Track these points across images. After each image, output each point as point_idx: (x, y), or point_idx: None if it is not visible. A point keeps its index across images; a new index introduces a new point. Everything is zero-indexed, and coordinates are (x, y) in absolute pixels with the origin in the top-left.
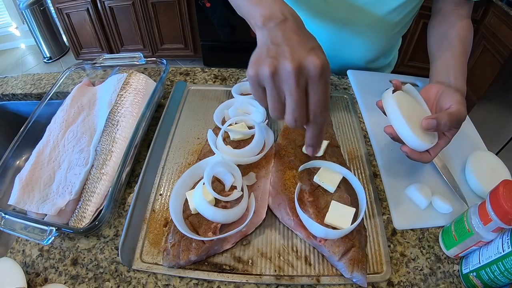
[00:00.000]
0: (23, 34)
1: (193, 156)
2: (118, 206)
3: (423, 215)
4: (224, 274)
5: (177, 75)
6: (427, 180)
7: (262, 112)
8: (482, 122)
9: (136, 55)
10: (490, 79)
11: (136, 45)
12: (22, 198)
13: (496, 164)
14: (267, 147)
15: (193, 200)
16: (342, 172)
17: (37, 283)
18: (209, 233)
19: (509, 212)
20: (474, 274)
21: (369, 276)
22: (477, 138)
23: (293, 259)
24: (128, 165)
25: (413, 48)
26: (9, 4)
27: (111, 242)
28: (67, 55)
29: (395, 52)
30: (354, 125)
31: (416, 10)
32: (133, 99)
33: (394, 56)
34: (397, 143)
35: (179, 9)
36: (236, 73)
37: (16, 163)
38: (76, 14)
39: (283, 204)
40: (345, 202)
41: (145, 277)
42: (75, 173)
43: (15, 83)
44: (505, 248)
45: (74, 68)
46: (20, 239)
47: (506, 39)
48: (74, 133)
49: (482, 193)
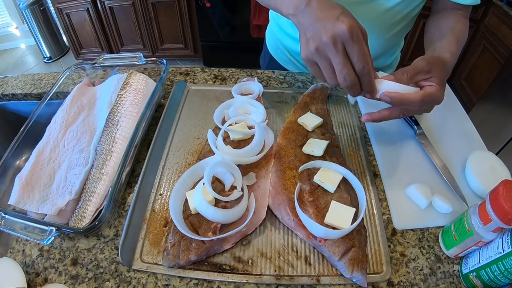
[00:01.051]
0: (23, 34)
1: (193, 156)
2: (118, 206)
3: (423, 215)
4: (224, 274)
5: (177, 75)
6: (427, 180)
7: (262, 112)
8: (482, 122)
9: (136, 55)
10: (490, 79)
11: (136, 45)
12: (22, 198)
13: (496, 164)
14: (267, 147)
15: (193, 200)
16: (342, 172)
17: (37, 283)
18: (209, 233)
19: (509, 212)
20: (474, 274)
21: (369, 276)
22: (477, 138)
23: (293, 259)
24: (128, 165)
25: (413, 48)
26: (9, 4)
27: (111, 242)
28: (67, 55)
29: (397, 53)
30: (354, 125)
31: (418, 10)
32: (133, 99)
33: (396, 57)
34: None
35: (179, 9)
36: (236, 73)
37: (16, 163)
38: (76, 14)
39: (283, 204)
40: (345, 202)
41: (145, 277)
42: (75, 173)
43: (15, 83)
44: (505, 248)
45: (74, 68)
46: (20, 239)
47: (506, 39)
48: (74, 133)
49: (482, 193)
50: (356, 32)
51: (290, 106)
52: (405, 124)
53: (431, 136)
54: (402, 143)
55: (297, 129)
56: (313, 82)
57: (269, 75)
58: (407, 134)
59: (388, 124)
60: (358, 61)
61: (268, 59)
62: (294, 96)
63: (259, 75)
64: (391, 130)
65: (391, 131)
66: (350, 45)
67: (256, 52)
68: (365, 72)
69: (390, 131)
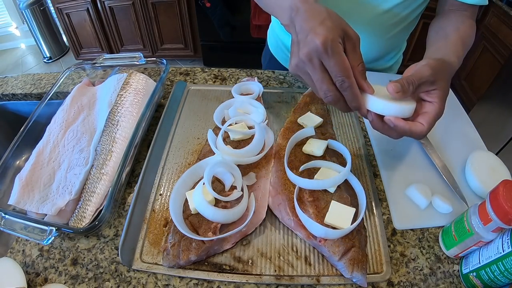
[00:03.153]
0: (23, 34)
1: (193, 156)
2: (118, 206)
3: (423, 215)
4: (224, 274)
5: (177, 75)
6: (427, 180)
7: (262, 112)
8: (482, 122)
9: (136, 55)
10: (490, 79)
11: (136, 45)
12: (22, 198)
13: (496, 164)
14: (267, 147)
15: (193, 200)
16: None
17: (37, 283)
18: (209, 233)
19: (509, 212)
20: (474, 274)
21: (369, 276)
22: (477, 138)
23: (293, 259)
24: (128, 165)
25: (413, 48)
26: (9, 4)
27: (111, 242)
28: (67, 55)
29: (398, 55)
30: (354, 125)
31: (419, 11)
32: (133, 99)
33: (398, 60)
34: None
35: (179, 9)
36: (236, 73)
37: (16, 163)
38: (76, 14)
39: (283, 204)
40: (345, 202)
41: (145, 277)
42: (75, 173)
43: (15, 83)
44: (505, 248)
45: (74, 68)
46: (20, 239)
47: (506, 39)
48: (74, 133)
49: (482, 193)
50: (330, 44)
51: (290, 106)
52: None
53: (431, 136)
54: (402, 143)
55: (297, 129)
56: None
57: (269, 75)
58: None
59: None
60: (336, 76)
61: (269, 57)
62: (294, 96)
63: (259, 75)
64: None
65: None
66: (326, 59)
67: (256, 52)
68: (345, 86)
69: None
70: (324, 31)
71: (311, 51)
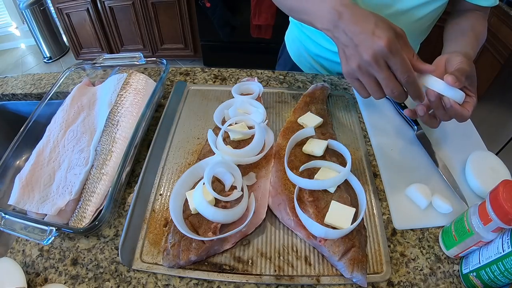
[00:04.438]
0: (23, 34)
1: (193, 156)
2: (118, 206)
3: (423, 215)
4: (224, 274)
5: (177, 75)
6: (427, 180)
7: (262, 112)
8: (482, 122)
9: (136, 55)
10: (490, 79)
11: (136, 45)
12: (22, 198)
13: (496, 164)
14: (267, 147)
15: (193, 200)
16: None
17: (37, 283)
18: (209, 233)
19: (509, 212)
20: (474, 274)
21: (369, 276)
22: (477, 138)
23: (293, 259)
24: (128, 165)
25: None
26: (9, 4)
27: (111, 242)
28: (67, 55)
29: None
30: (354, 125)
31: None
32: (133, 99)
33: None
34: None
35: (179, 9)
36: (236, 73)
37: (16, 163)
38: (76, 14)
39: (283, 204)
40: (345, 202)
41: (145, 277)
42: (75, 173)
43: (15, 83)
44: (505, 248)
45: (74, 68)
46: (20, 239)
47: (506, 39)
48: (74, 133)
49: (482, 193)
50: (394, 45)
51: (290, 106)
52: (405, 124)
53: (431, 136)
54: (402, 143)
55: (297, 129)
56: (313, 82)
57: (269, 75)
58: (407, 134)
59: (388, 124)
60: (401, 73)
61: (290, 66)
62: (294, 96)
63: (259, 75)
64: (391, 130)
65: (391, 131)
66: (391, 59)
67: (256, 52)
68: (410, 81)
69: (390, 131)
70: (384, 33)
71: (377, 52)
